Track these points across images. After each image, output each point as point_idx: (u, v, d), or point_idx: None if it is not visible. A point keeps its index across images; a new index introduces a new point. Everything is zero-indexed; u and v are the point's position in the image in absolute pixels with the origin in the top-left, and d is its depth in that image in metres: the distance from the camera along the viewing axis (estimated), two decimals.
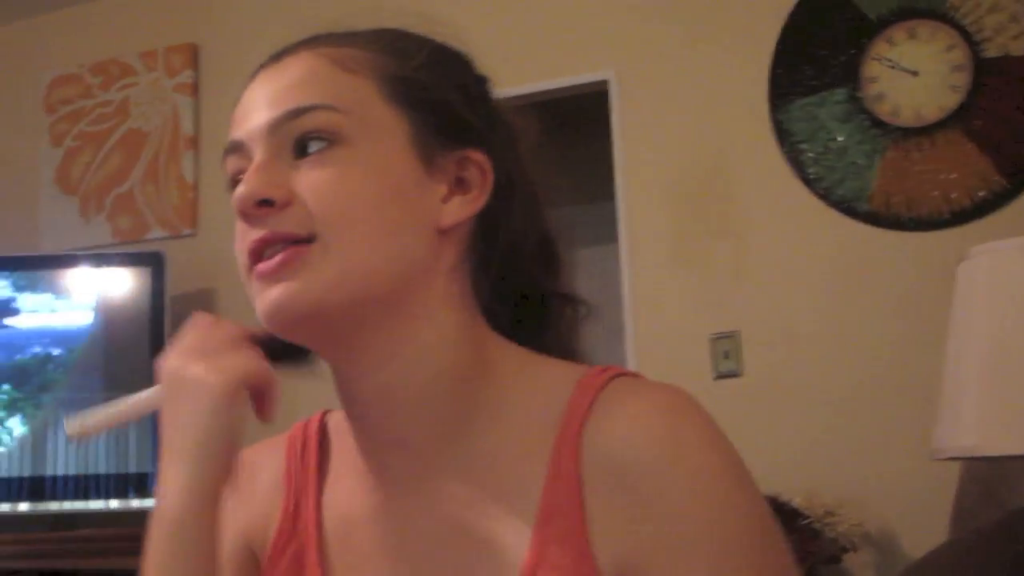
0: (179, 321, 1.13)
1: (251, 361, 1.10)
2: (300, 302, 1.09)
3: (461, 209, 1.17)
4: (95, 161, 4.80)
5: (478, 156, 1.18)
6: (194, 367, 1.09)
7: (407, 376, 1.15)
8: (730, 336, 3.76)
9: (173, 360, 1.11)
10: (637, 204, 3.97)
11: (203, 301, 4.38)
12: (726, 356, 3.75)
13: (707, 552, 1.03)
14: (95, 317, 4.11)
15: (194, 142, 4.66)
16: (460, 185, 1.18)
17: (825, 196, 3.70)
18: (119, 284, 4.17)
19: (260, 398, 1.12)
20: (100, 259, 4.27)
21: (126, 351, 4.06)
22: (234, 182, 1.16)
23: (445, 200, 1.16)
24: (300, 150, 1.11)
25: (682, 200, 3.92)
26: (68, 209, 4.79)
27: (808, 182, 3.73)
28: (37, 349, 4.11)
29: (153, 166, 4.71)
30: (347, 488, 1.24)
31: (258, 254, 1.11)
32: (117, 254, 4.36)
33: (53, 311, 4.14)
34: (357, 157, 1.11)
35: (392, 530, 1.18)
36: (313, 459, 1.28)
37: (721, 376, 3.76)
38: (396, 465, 1.18)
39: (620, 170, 4.00)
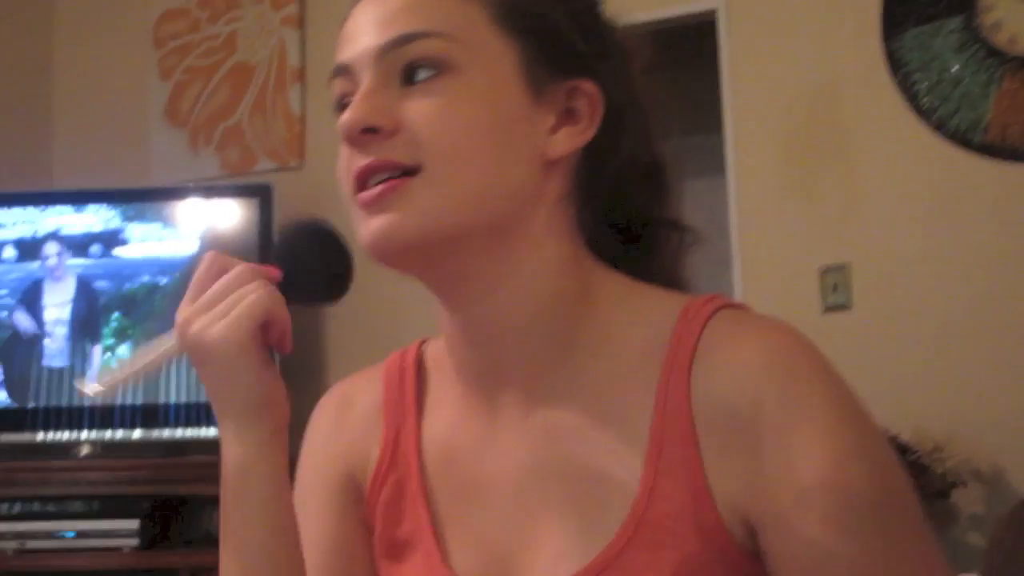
0: None
1: (257, 299, 1.08)
2: (402, 233, 1.08)
3: (569, 141, 1.15)
4: (203, 94, 4.84)
5: (588, 86, 1.16)
6: (200, 325, 1.08)
7: (511, 306, 1.14)
8: (839, 268, 3.72)
9: (183, 316, 1.10)
10: (745, 135, 3.93)
11: None
12: (835, 289, 3.71)
13: (829, 498, 1.02)
14: (202, 246, 4.15)
15: (300, 74, 4.68)
16: (569, 116, 1.16)
17: (939, 127, 3.64)
18: (227, 215, 4.21)
19: (269, 330, 1.11)
20: (209, 191, 4.32)
21: None
22: (341, 105, 1.15)
23: (553, 131, 1.14)
24: (408, 77, 1.10)
25: (791, 131, 3.87)
26: (177, 142, 4.84)
27: (921, 113, 3.67)
28: (145, 278, 4.17)
29: (260, 99, 4.74)
30: (448, 418, 1.24)
31: (362, 182, 1.10)
32: (225, 186, 4.41)
33: (161, 241, 4.19)
34: (465, 87, 1.10)
35: (496, 460, 1.18)
36: (412, 389, 1.28)
37: (830, 309, 3.72)
38: (500, 395, 1.19)
39: (728, 101, 3.97)
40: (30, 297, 4.17)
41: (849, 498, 1.02)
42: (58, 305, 4.16)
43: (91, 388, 1.15)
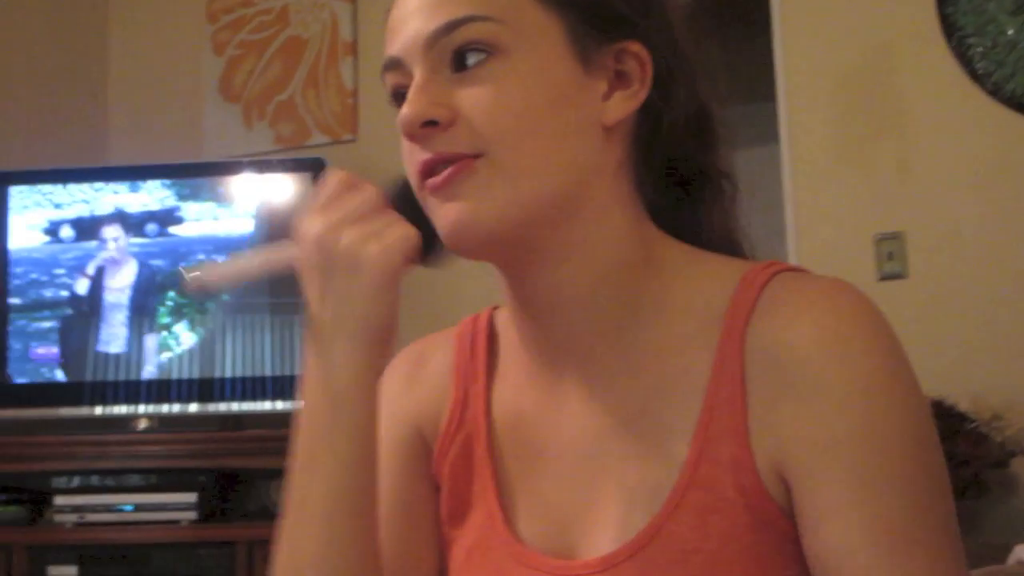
0: None
1: (410, 230, 1.09)
2: (479, 224, 1.09)
3: (623, 104, 1.15)
4: (256, 69, 4.86)
5: (636, 47, 1.16)
6: (352, 238, 1.08)
7: (578, 276, 1.15)
8: (894, 237, 3.69)
9: (321, 225, 1.09)
10: (799, 103, 3.90)
11: None
12: (890, 257, 3.69)
13: (855, 454, 1.03)
14: (257, 223, 4.18)
15: (353, 48, 4.69)
16: (620, 79, 1.16)
17: (994, 92, 3.60)
18: (281, 190, 4.23)
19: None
20: (262, 165, 4.34)
21: None
22: (396, 96, 1.16)
23: (606, 97, 1.14)
24: (458, 63, 1.11)
25: (845, 98, 3.84)
26: (231, 117, 4.86)
27: (976, 78, 3.63)
28: (201, 256, 4.19)
29: (313, 73, 4.75)
30: (514, 383, 1.25)
31: (428, 173, 1.11)
32: (279, 160, 4.43)
33: (216, 219, 4.22)
34: (517, 68, 1.10)
35: (559, 427, 1.20)
36: (482, 354, 1.29)
37: (885, 278, 3.70)
38: (563, 364, 1.19)
39: (781, 69, 3.94)
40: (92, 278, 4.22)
41: (877, 455, 1.02)
42: (118, 289, 4.20)
43: (193, 277, 1.15)
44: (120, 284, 4.19)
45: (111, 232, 4.21)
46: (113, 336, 4.17)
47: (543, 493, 1.19)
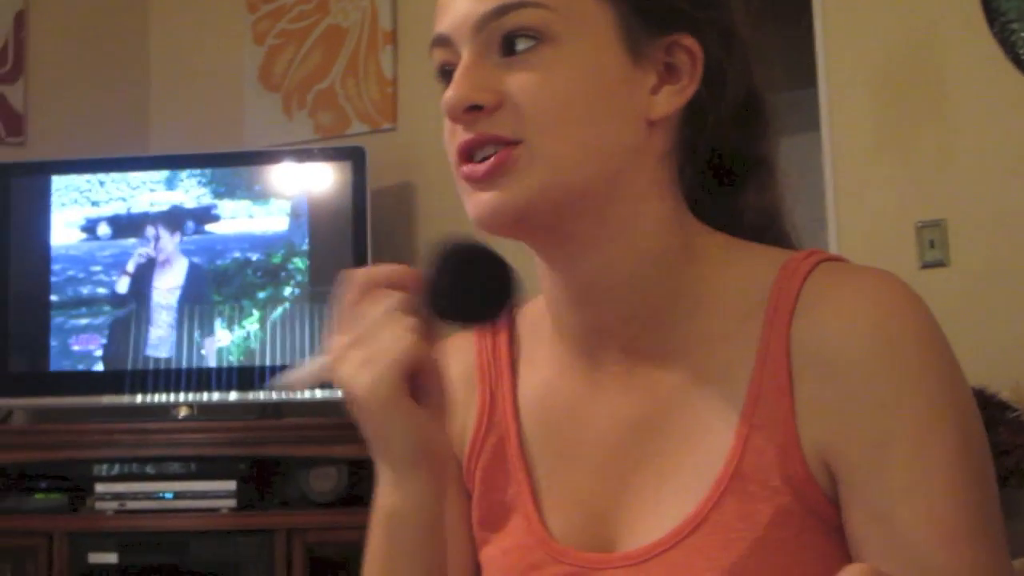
0: (380, 215, 1.15)
1: (401, 350, 1.04)
2: (509, 209, 1.09)
3: (671, 100, 1.14)
4: (296, 58, 4.86)
5: (687, 41, 1.15)
6: (349, 368, 1.06)
7: (616, 264, 1.15)
8: (936, 224, 3.67)
9: (335, 351, 1.08)
10: (840, 90, 3.88)
11: (403, 195, 4.45)
12: (932, 245, 3.66)
13: (906, 448, 1.03)
14: (298, 212, 4.19)
15: (392, 37, 4.68)
16: (669, 72, 1.15)
17: None
18: (321, 179, 4.24)
19: (416, 378, 1.07)
20: (301, 154, 4.36)
21: (329, 244, 4.15)
22: (442, 72, 1.15)
23: (654, 91, 1.14)
24: (507, 47, 1.10)
25: (887, 84, 3.82)
26: (271, 106, 4.86)
27: (1019, 64, 3.59)
28: (236, 254, 4.21)
29: (353, 62, 4.75)
30: (544, 378, 1.24)
31: (467, 155, 1.11)
32: (319, 149, 4.44)
33: (251, 216, 4.23)
34: (565, 56, 1.09)
35: (595, 418, 1.19)
36: (505, 350, 1.29)
37: (927, 266, 3.67)
38: (601, 353, 1.19)
39: (822, 55, 3.92)
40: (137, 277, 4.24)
41: (927, 455, 1.02)
42: (166, 290, 4.21)
43: (280, 385, 1.14)
44: (168, 284, 4.20)
45: (150, 231, 4.23)
46: (162, 339, 4.18)
47: (577, 486, 1.19)
